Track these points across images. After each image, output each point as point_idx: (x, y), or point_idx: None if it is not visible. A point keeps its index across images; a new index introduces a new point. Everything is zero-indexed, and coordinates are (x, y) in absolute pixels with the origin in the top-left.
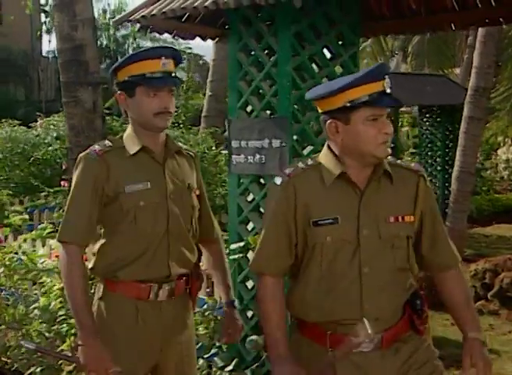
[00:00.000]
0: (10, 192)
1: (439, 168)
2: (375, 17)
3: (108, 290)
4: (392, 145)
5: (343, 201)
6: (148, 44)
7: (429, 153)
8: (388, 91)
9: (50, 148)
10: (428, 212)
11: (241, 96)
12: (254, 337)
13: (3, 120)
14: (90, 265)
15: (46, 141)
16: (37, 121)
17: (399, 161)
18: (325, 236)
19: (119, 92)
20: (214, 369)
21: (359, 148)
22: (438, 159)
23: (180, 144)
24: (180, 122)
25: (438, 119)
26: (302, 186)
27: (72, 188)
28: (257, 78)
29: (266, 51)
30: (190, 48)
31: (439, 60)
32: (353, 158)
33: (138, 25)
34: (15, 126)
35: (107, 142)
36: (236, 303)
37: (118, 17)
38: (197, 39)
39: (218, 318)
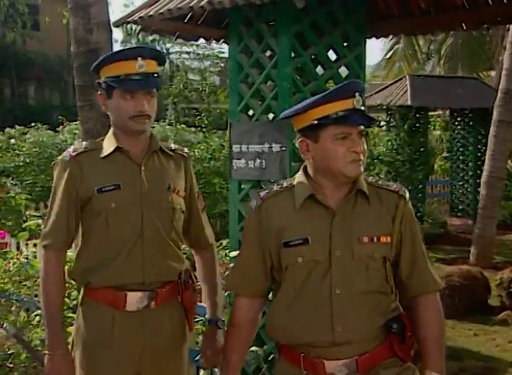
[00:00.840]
0: (28, 196)
1: (470, 173)
2: (383, 16)
3: (86, 296)
4: (422, 150)
5: (314, 222)
6: (178, 48)
7: (461, 157)
8: (359, 108)
9: None
10: (407, 234)
11: (242, 99)
12: (254, 348)
13: (32, 124)
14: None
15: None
16: (63, 125)
17: (380, 181)
18: (296, 257)
19: (99, 92)
20: None
21: (329, 167)
22: (470, 164)
23: (174, 144)
24: (203, 125)
25: (470, 123)
26: (274, 208)
27: (51, 193)
28: (258, 80)
29: (267, 53)
30: (223, 52)
31: (472, 63)
32: (326, 178)
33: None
34: (42, 130)
35: (84, 143)
36: (221, 324)
37: (118, 19)
38: None
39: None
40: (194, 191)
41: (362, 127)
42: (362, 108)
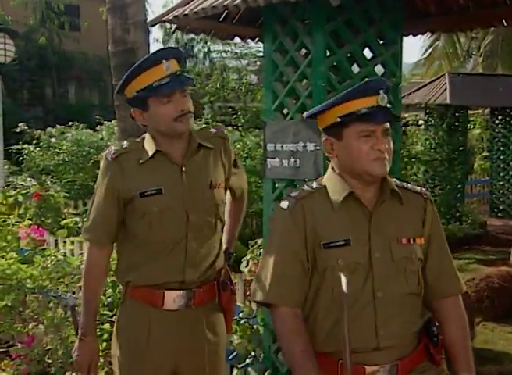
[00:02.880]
0: (67, 195)
1: (511, 173)
2: (420, 14)
3: (126, 295)
4: (461, 149)
5: (353, 222)
6: (219, 47)
7: (501, 157)
8: (383, 105)
9: None
10: (435, 237)
11: (276, 97)
12: None
13: (71, 124)
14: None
15: (109, 144)
16: (102, 124)
17: (404, 183)
18: (337, 259)
19: (132, 109)
20: None
21: (353, 166)
22: (511, 163)
23: (212, 129)
24: (239, 124)
25: (511, 122)
26: (310, 208)
27: (95, 186)
28: (292, 79)
29: (302, 51)
30: (260, 51)
31: None
32: (353, 177)
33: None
34: (81, 129)
35: (124, 143)
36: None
37: (153, 18)
38: None
39: (254, 327)
40: (236, 163)
41: (387, 125)
42: (388, 105)
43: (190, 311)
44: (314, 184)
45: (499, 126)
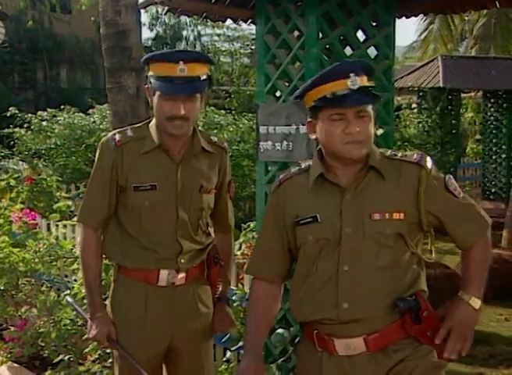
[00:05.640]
0: (59, 178)
1: (503, 156)
2: None
3: (121, 273)
4: (454, 132)
5: (325, 200)
6: (209, 31)
7: (494, 140)
8: (354, 89)
9: (103, 134)
10: (438, 200)
11: (269, 80)
12: (280, 330)
13: (62, 107)
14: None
15: (101, 127)
16: (94, 107)
17: (400, 153)
18: (307, 235)
19: (146, 85)
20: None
21: (329, 148)
22: (503, 146)
23: (213, 137)
24: (233, 108)
25: (503, 105)
26: (291, 190)
27: (92, 172)
28: (285, 61)
29: (295, 33)
30: (253, 34)
31: (505, 43)
32: (332, 157)
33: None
34: (74, 113)
35: (128, 132)
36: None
37: (144, 0)
38: None
39: (247, 310)
40: (225, 182)
41: (363, 107)
42: (367, 85)
43: (183, 286)
44: (303, 165)
45: (492, 109)
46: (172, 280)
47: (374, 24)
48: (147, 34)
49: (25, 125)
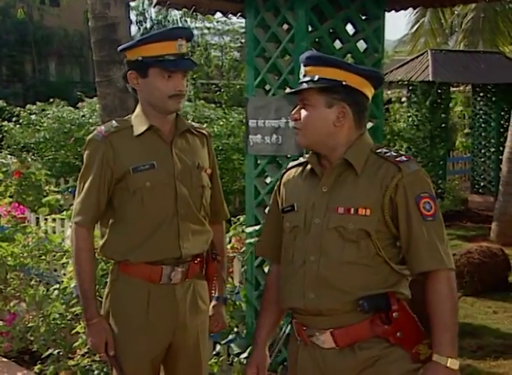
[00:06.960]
0: (48, 172)
1: (492, 149)
2: None
3: (121, 272)
4: (443, 126)
5: (307, 190)
6: (198, 24)
7: (483, 134)
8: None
9: (92, 127)
10: (402, 208)
11: (258, 74)
12: None
13: (51, 101)
14: (99, 244)
15: (91, 121)
16: (83, 101)
17: (389, 153)
18: (286, 222)
19: (129, 71)
20: (232, 355)
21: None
22: (492, 140)
23: (193, 123)
24: (223, 102)
25: (492, 99)
26: (292, 181)
27: (81, 171)
28: (274, 55)
29: (284, 27)
30: (243, 28)
31: (494, 37)
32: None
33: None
34: (63, 106)
35: (114, 123)
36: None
37: None
38: None
39: (237, 303)
40: (216, 168)
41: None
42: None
43: (184, 283)
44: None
45: (481, 103)
46: (174, 277)
47: (363, 18)
48: (134, 32)
49: (13, 118)
